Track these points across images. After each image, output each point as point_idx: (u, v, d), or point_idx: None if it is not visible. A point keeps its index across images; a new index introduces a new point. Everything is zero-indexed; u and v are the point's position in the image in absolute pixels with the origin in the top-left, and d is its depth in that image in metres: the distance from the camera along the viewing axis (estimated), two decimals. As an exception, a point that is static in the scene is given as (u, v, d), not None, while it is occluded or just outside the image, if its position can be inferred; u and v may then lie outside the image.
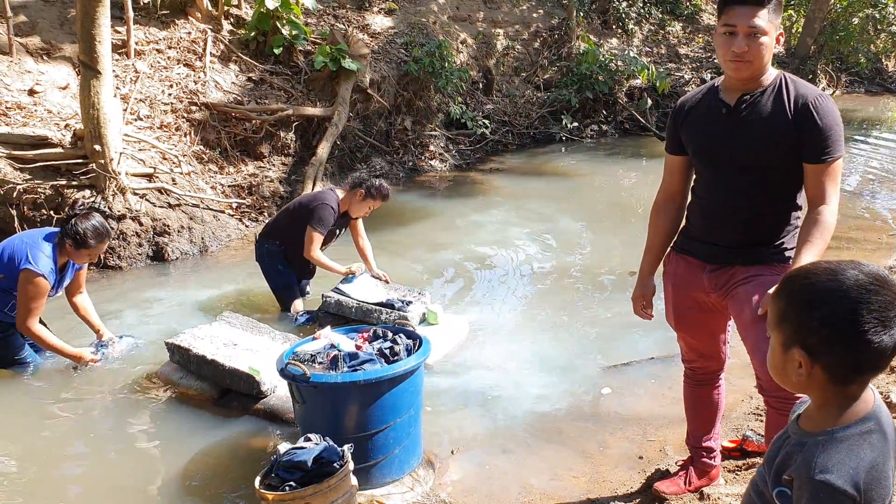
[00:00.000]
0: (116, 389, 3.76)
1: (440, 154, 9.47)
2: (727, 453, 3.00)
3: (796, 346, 1.21)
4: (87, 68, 5.45)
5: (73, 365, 3.90)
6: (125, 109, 6.47)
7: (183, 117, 7.04)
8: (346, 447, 2.53)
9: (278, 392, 3.52)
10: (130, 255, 5.72)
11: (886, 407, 1.27)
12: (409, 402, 2.89)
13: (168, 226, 5.95)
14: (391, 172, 8.71)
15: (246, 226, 6.61)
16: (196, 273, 5.71)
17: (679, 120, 2.45)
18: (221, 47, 7.96)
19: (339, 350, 2.94)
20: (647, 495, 2.80)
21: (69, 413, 3.58)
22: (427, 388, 3.21)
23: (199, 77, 7.50)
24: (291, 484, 2.41)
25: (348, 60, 8.11)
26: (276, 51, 8.11)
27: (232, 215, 6.64)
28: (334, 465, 2.47)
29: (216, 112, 7.24)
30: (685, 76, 13.03)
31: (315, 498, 2.39)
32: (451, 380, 3.89)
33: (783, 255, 2.33)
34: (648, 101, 11.46)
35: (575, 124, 10.99)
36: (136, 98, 6.84)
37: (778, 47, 2.25)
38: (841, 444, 1.17)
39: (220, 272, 5.68)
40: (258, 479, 2.47)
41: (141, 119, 6.77)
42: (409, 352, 2.97)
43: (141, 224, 5.81)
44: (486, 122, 10.14)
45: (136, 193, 5.89)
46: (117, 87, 6.53)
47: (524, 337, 4.48)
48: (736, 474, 2.88)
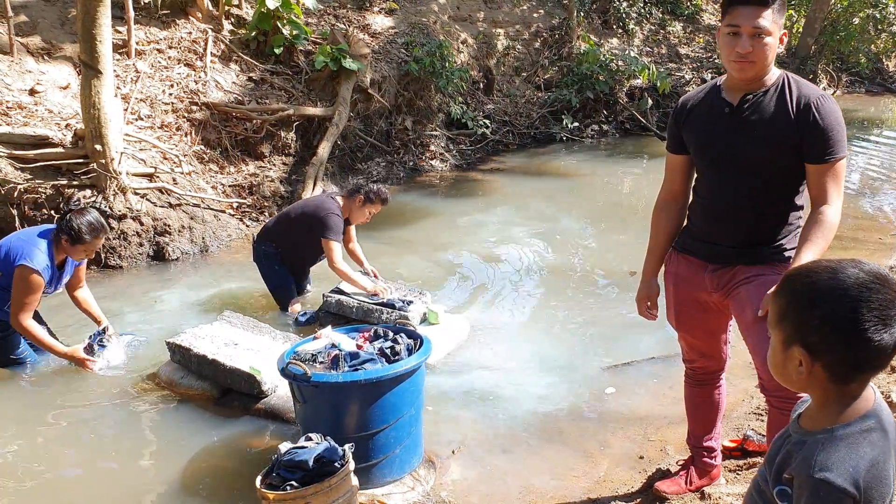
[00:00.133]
0: (117, 389, 3.76)
1: (441, 154, 9.47)
2: (728, 453, 3.00)
3: (797, 345, 1.21)
4: (88, 68, 5.45)
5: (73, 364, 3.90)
6: (126, 109, 6.48)
7: (184, 117, 7.04)
8: (346, 447, 2.54)
9: (279, 392, 3.52)
10: (131, 255, 5.72)
11: (887, 406, 1.27)
12: (409, 401, 2.89)
13: (169, 225, 5.95)
14: (392, 172, 8.72)
15: (247, 225, 6.61)
16: (197, 273, 5.71)
17: (681, 119, 2.44)
18: (222, 47, 7.96)
19: (339, 350, 2.94)
20: (647, 495, 2.80)
21: (69, 413, 3.58)
22: (428, 387, 3.21)
23: (199, 77, 7.50)
24: (293, 483, 2.41)
25: (349, 60, 8.11)
26: (277, 51, 8.12)
27: (233, 215, 6.64)
28: (335, 465, 2.48)
29: (217, 112, 7.24)
30: (686, 76, 13.03)
31: (316, 497, 2.40)
32: (452, 379, 3.89)
33: (784, 254, 2.33)
34: (649, 101, 11.46)
35: (575, 124, 10.99)
36: (136, 98, 6.84)
37: (780, 47, 2.24)
38: (841, 442, 1.17)
39: (221, 272, 5.69)
40: (259, 478, 2.47)
41: (142, 119, 6.78)
42: (409, 351, 2.97)
43: (142, 224, 5.81)
44: (487, 121, 10.14)
45: (136, 193, 5.89)
46: (118, 87, 6.53)
47: (525, 336, 4.49)
48: (737, 474, 2.88)
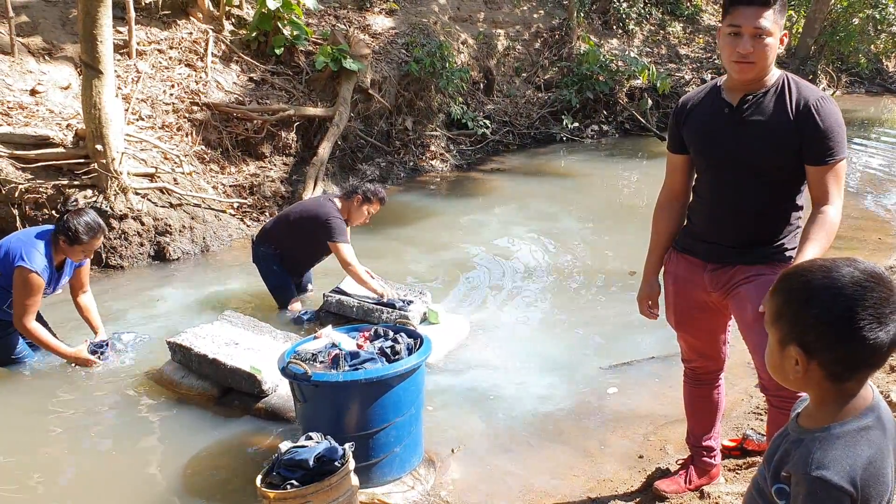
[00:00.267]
0: (117, 388, 3.76)
1: (441, 154, 9.48)
2: (727, 452, 3.01)
3: (793, 344, 1.21)
4: (89, 68, 5.46)
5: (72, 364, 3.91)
6: (127, 109, 6.48)
7: (184, 117, 7.04)
8: (347, 446, 2.54)
9: (280, 391, 3.53)
10: (132, 255, 5.73)
11: (886, 404, 1.27)
12: (410, 401, 2.90)
13: (170, 225, 5.96)
14: (392, 172, 8.72)
15: (247, 225, 6.62)
16: (197, 272, 5.72)
17: (681, 119, 2.45)
18: (223, 47, 7.97)
19: (340, 349, 2.94)
20: (647, 494, 2.81)
21: (70, 412, 3.59)
22: (428, 387, 3.22)
23: (200, 77, 7.51)
24: (293, 482, 2.42)
25: (349, 61, 8.12)
26: (278, 51, 8.12)
27: (233, 215, 6.65)
28: (335, 464, 2.48)
29: (218, 112, 7.24)
30: (685, 76, 13.04)
31: (316, 496, 2.40)
32: (453, 379, 3.90)
33: (784, 254, 2.33)
34: (649, 102, 11.47)
35: (575, 124, 11.00)
36: (137, 98, 6.85)
37: (780, 48, 2.25)
38: (838, 440, 1.17)
39: (222, 272, 5.70)
40: (260, 477, 2.48)
41: (143, 119, 6.78)
42: (410, 351, 2.97)
43: (142, 224, 5.81)
44: (487, 122, 10.15)
45: (137, 193, 5.90)
46: (119, 87, 6.53)
47: (525, 336, 4.49)
48: (736, 473, 2.88)
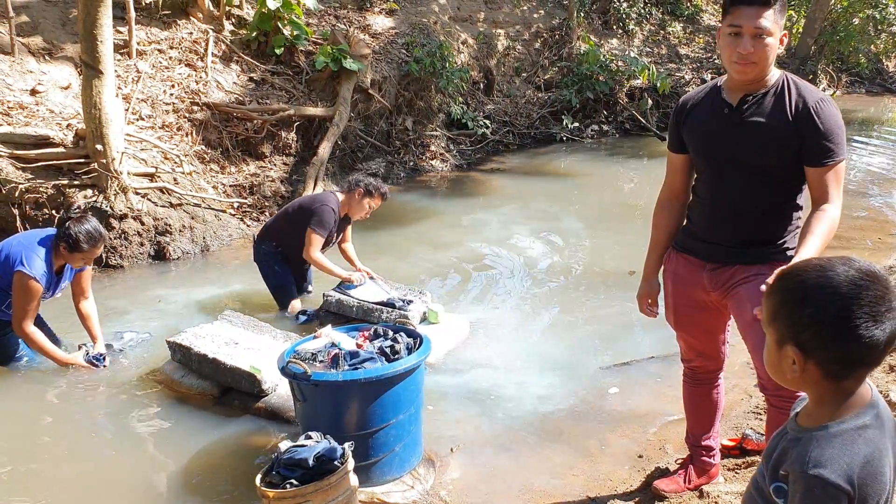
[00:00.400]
0: (117, 388, 3.77)
1: (441, 154, 9.48)
2: (727, 452, 3.01)
3: (789, 343, 1.21)
4: (89, 68, 5.46)
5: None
6: (127, 109, 6.49)
7: (185, 117, 7.05)
8: (346, 445, 2.54)
9: (279, 391, 3.53)
10: (132, 255, 5.73)
11: (886, 403, 1.27)
12: (409, 400, 2.90)
13: (170, 225, 5.96)
14: (392, 172, 8.73)
15: (247, 225, 6.62)
16: (197, 272, 5.72)
17: (681, 119, 2.45)
18: (223, 47, 7.97)
19: (339, 348, 2.95)
20: (646, 494, 2.81)
21: (69, 412, 3.59)
22: (428, 386, 3.22)
23: (200, 77, 7.51)
24: (292, 482, 2.42)
25: (349, 61, 8.12)
26: (278, 51, 8.13)
27: (233, 215, 6.65)
28: (335, 463, 2.48)
29: (218, 112, 7.25)
30: (686, 76, 13.04)
31: (316, 496, 2.40)
32: (453, 378, 3.90)
33: (784, 254, 2.33)
34: (649, 102, 11.47)
35: (576, 124, 11.00)
36: (137, 98, 6.85)
37: (780, 48, 2.24)
38: (835, 439, 1.17)
39: (222, 271, 5.70)
40: (259, 476, 2.48)
41: (143, 119, 6.79)
42: (409, 350, 2.98)
43: (142, 223, 5.82)
44: (487, 122, 10.15)
45: (137, 193, 5.91)
46: (119, 87, 6.54)
47: (525, 336, 4.49)
48: (735, 473, 2.88)
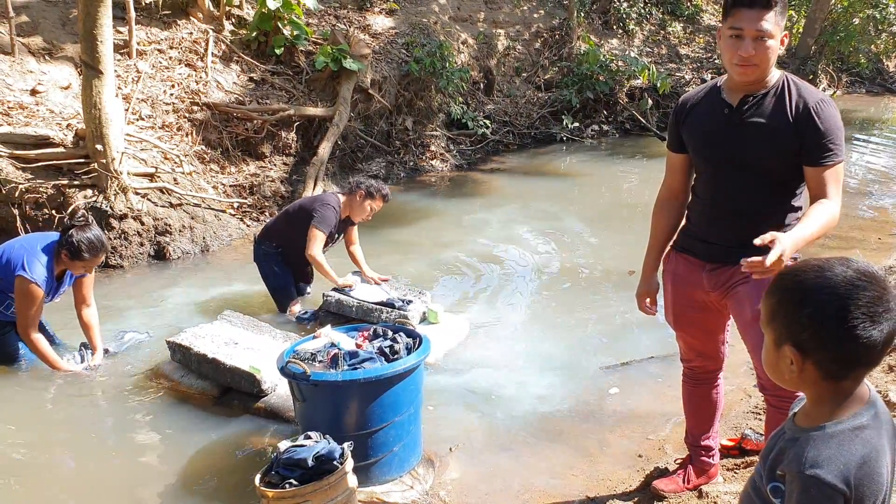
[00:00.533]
0: (117, 388, 3.77)
1: (441, 154, 9.48)
2: (726, 452, 3.01)
3: (787, 343, 1.21)
4: (89, 68, 5.46)
5: (74, 355, 3.95)
6: (127, 109, 6.49)
7: (185, 117, 7.05)
8: (345, 445, 2.54)
9: (279, 390, 3.53)
10: (132, 255, 5.73)
11: (884, 404, 1.27)
12: (408, 400, 2.90)
13: (169, 225, 5.96)
14: (392, 172, 8.73)
15: (247, 225, 6.63)
16: (197, 272, 5.72)
17: (681, 118, 2.45)
18: (223, 47, 7.98)
19: (339, 348, 2.95)
20: (646, 493, 2.81)
21: (69, 412, 3.59)
22: (428, 386, 3.22)
23: (200, 77, 7.51)
24: (292, 482, 2.42)
25: (349, 61, 8.12)
26: (278, 51, 8.13)
27: (233, 215, 6.65)
28: (334, 463, 2.48)
29: (218, 112, 7.25)
30: (686, 76, 13.03)
31: (315, 495, 2.41)
32: (452, 378, 3.90)
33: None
34: (649, 102, 11.46)
35: (576, 124, 10.99)
36: (137, 98, 6.86)
37: (781, 48, 2.24)
38: (832, 439, 1.18)
39: (222, 271, 5.70)
40: (258, 476, 2.48)
41: (143, 119, 6.79)
42: (409, 350, 2.98)
43: (142, 223, 5.82)
44: (487, 122, 10.15)
45: (137, 193, 5.91)
46: (119, 87, 6.54)
47: (525, 336, 4.49)
48: (734, 472, 2.89)
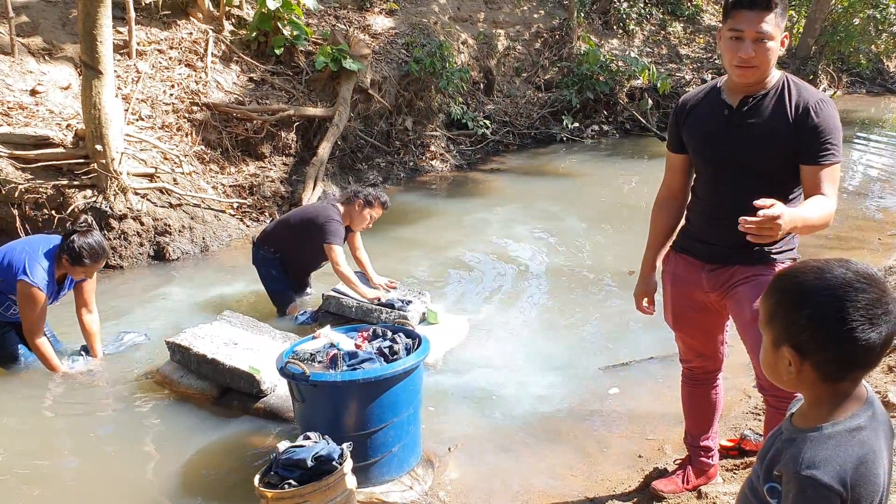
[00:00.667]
0: (117, 388, 3.77)
1: (441, 154, 9.48)
2: (725, 452, 3.01)
3: (785, 345, 1.21)
4: (89, 68, 5.46)
5: (75, 358, 3.95)
6: (127, 110, 6.49)
7: (184, 117, 7.05)
8: (345, 445, 2.54)
9: (278, 391, 3.53)
10: (132, 255, 5.74)
11: (882, 404, 1.27)
12: (408, 400, 2.90)
13: (169, 225, 5.96)
14: (392, 173, 8.73)
15: (247, 225, 6.63)
16: (197, 272, 5.72)
17: (681, 119, 2.45)
18: (223, 48, 7.98)
19: (338, 349, 2.95)
20: (645, 494, 2.81)
21: (69, 412, 3.59)
22: (427, 387, 3.22)
23: (200, 77, 7.52)
24: (291, 482, 2.42)
25: (349, 61, 8.12)
26: (278, 51, 8.13)
27: (233, 215, 6.65)
28: (333, 464, 2.48)
29: (217, 112, 7.25)
30: (686, 77, 13.03)
31: (314, 496, 2.41)
32: (452, 379, 3.90)
33: (783, 255, 2.34)
34: (649, 102, 11.46)
35: (576, 125, 10.99)
36: (137, 98, 6.86)
37: (781, 49, 2.24)
38: (829, 440, 1.17)
39: (221, 272, 5.70)
40: (258, 477, 2.48)
41: (142, 119, 6.79)
42: (408, 351, 2.98)
43: (142, 224, 5.82)
44: (487, 122, 10.15)
45: (137, 193, 5.91)
46: (119, 88, 6.54)
47: (524, 336, 4.49)
48: (734, 473, 2.88)
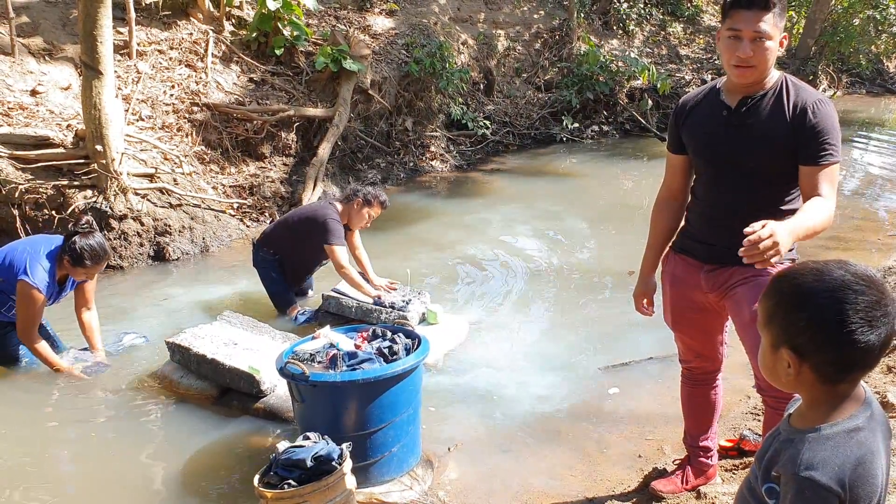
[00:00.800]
0: (117, 388, 3.77)
1: (441, 155, 9.48)
2: (724, 452, 3.01)
3: (784, 346, 1.21)
4: (89, 69, 5.47)
5: (77, 356, 3.96)
6: (127, 110, 6.49)
7: (184, 118, 7.05)
8: (344, 446, 2.55)
9: (278, 391, 3.53)
10: (132, 255, 5.74)
11: (880, 405, 1.27)
12: (407, 401, 2.90)
13: (169, 226, 5.97)
14: (392, 173, 8.73)
15: (247, 226, 6.63)
16: (197, 273, 5.73)
17: (680, 119, 2.45)
18: (223, 48, 7.98)
19: (338, 349, 2.95)
20: (644, 494, 2.81)
21: (69, 412, 3.59)
22: (427, 387, 3.22)
23: (200, 78, 7.52)
24: (290, 482, 2.42)
25: (349, 61, 8.12)
26: (278, 51, 8.13)
27: (233, 215, 6.66)
28: (333, 464, 2.49)
29: (218, 112, 7.25)
30: (686, 77, 13.03)
31: (313, 496, 2.41)
32: (452, 379, 3.90)
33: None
34: (649, 102, 11.46)
35: (576, 125, 10.99)
36: (137, 99, 6.86)
37: (780, 50, 2.24)
38: (828, 441, 1.18)
39: (221, 272, 5.70)
40: (257, 477, 2.48)
41: (143, 119, 6.79)
42: (407, 351, 2.98)
43: (142, 224, 5.83)
44: (487, 122, 10.15)
45: (137, 193, 5.91)
46: (119, 88, 6.55)
47: (524, 336, 4.50)
48: (733, 473, 2.89)
